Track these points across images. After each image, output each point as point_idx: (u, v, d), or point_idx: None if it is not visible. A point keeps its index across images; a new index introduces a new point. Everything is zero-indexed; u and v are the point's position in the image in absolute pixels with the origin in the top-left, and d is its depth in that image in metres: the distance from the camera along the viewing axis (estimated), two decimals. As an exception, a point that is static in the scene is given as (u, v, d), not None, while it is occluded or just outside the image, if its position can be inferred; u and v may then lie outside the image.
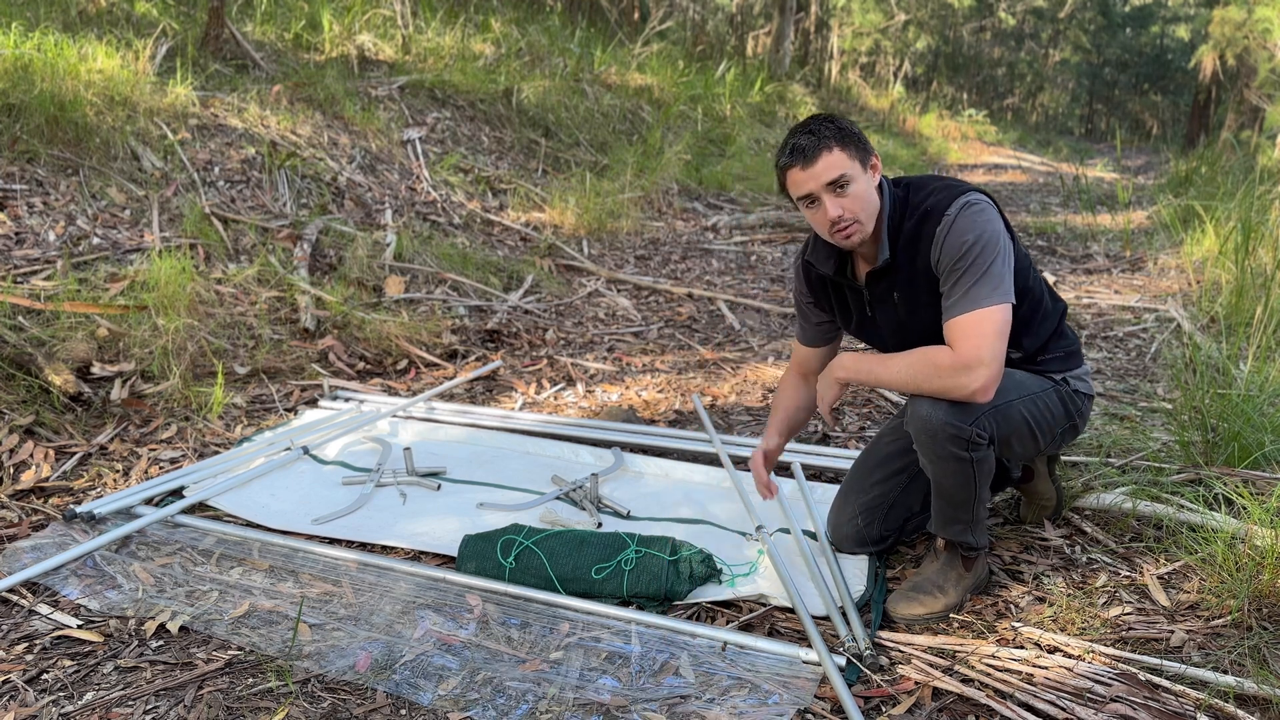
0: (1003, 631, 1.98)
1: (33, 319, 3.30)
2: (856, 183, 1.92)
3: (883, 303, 2.09)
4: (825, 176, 1.91)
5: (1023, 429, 2.00)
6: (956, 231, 1.90)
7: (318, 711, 1.73)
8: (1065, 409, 2.09)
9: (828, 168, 1.90)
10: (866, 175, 1.95)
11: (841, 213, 1.93)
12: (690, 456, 3.01)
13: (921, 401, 1.92)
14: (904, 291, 2.04)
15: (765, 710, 1.70)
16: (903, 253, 1.99)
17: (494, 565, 2.17)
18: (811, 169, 1.91)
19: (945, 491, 2.01)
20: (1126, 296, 5.21)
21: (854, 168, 1.92)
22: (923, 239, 1.95)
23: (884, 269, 2.03)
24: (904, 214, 2.00)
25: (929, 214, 1.95)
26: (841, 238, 1.97)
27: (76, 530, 2.39)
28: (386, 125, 6.38)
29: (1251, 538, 2.07)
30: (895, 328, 2.11)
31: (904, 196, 2.02)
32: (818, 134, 1.91)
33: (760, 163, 9.61)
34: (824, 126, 1.93)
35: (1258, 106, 17.64)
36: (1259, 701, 1.71)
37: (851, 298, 2.17)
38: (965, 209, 1.91)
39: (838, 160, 1.90)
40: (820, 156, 1.90)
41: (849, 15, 20.01)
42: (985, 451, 1.94)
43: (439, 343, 4.13)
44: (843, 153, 1.91)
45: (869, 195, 1.95)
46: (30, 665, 1.86)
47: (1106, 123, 35.52)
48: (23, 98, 4.22)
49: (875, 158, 1.98)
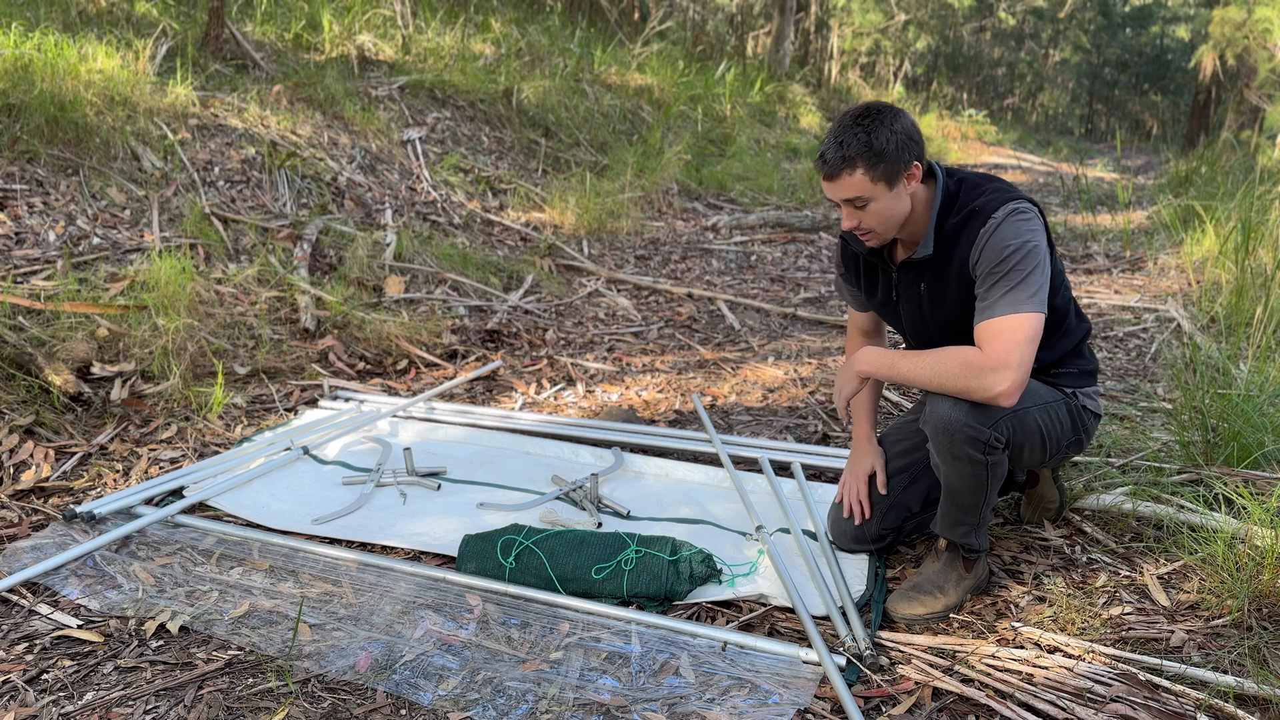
0: (1003, 631, 1.98)
1: (33, 319, 3.30)
2: (877, 202, 1.93)
3: (909, 290, 2.12)
4: (842, 195, 1.94)
5: (1035, 438, 2.01)
6: (1000, 236, 1.89)
7: (318, 711, 1.73)
8: (1072, 423, 2.10)
9: (846, 188, 1.93)
10: (894, 191, 1.93)
11: (857, 224, 1.98)
12: (690, 456, 3.01)
13: (942, 401, 1.92)
14: (931, 285, 2.05)
15: (765, 710, 1.70)
16: (942, 247, 2.01)
17: (494, 565, 2.17)
18: (832, 184, 1.95)
19: (956, 493, 2.00)
20: (1126, 296, 5.21)
21: (875, 189, 1.91)
22: (964, 236, 1.96)
23: (918, 260, 2.05)
24: (950, 210, 2.00)
25: (975, 214, 1.95)
26: (857, 242, 2.05)
27: (76, 530, 2.39)
28: (386, 125, 6.38)
29: (1251, 538, 2.07)
30: (914, 316, 2.14)
31: (955, 192, 2.02)
32: (845, 148, 1.89)
33: (760, 163, 9.61)
34: (855, 140, 1.88)
35: (1258, 106, 17.63)
36: (1259, 701, 1.71)
37: (882, 277, 2.20)
38: (1012, 215, 1.91)
39: (857, 183, 1.91)
40: (840, 176, 1.92)
41: (849, 15, 20.01)
42: (1000, 456, 1.94)
43: (439, 343, 4.13)
44: (865, 175, 1.90)
45: (891, 211, 1.95)
46: (30, 665, 1.86)
47: (1106, 123, 35.51)
48: (23, 98, 4.22)
49: (914, 166, 1.94)
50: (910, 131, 1.92)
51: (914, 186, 1.97)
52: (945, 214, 2.00)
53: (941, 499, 2.06)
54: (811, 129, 13.13)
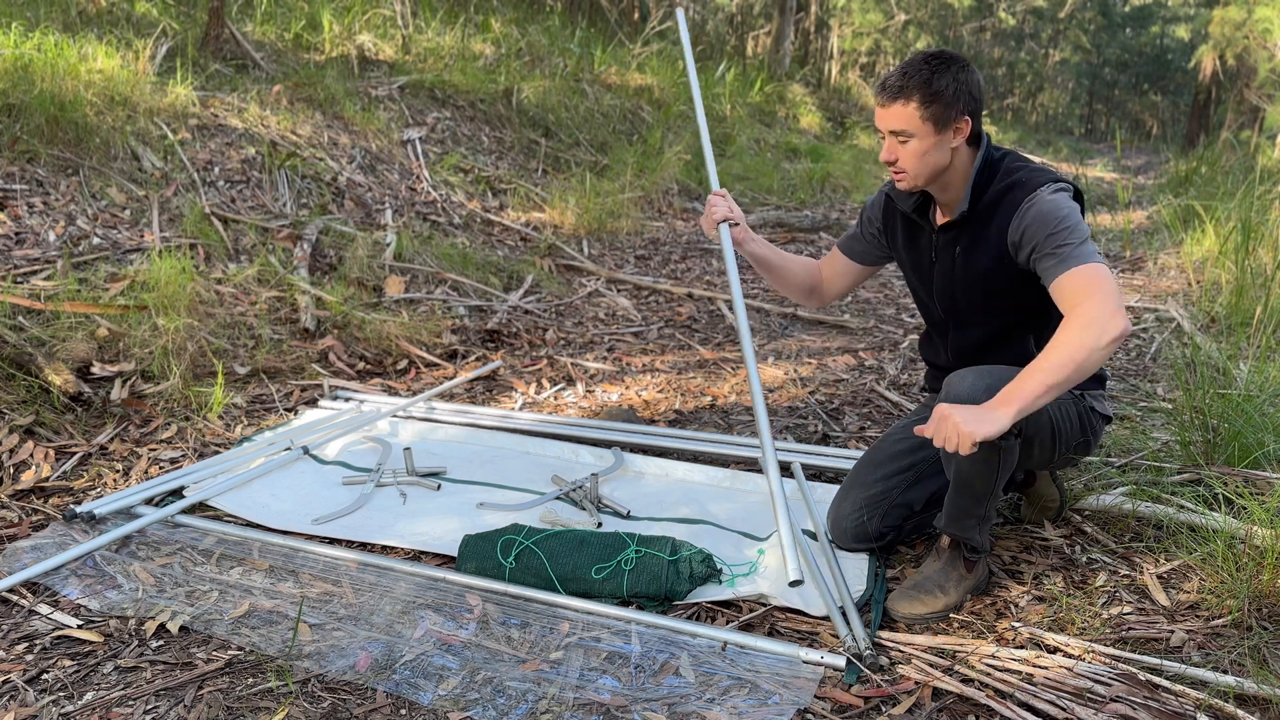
0: (1003, 631, 1.98)
1: (33, 319, 3.30)
2: (919, 140, 1.96)
3: (945, 252, 2.14)
4: (890, 124, 1.96)
5: (1046, 433, 2.02)
6: (1051, 206, 1.91)
7: (318, 711, 1.73)
8: (1080, 423, 2.11)
9: (895, 117, 1.95)
10: (941, 136, 1.96)
11: (893, 158, 2.00)
12: (690, 456, 3.01)
13: (957, 387, 1.93)
14: (966, 248, 2.08)
15: (765, 710, 1.70)
16: (982, 211, 2.02)
17: (494, 565, 2.18)
18: (885, 110, 1.97)
19: (965, 483, 2.00)
20: (1126, 296, 5.22)
21: (923, 128, 1.95)
22: (1004, 205, 1.98)
23: (957, 222, 2.06)
24: (992, 176, 2.02)
25: (1019, 185, 1.98)
26: (892, 174, 2.06)
27: (76, 530, 2.39)
28: (386, 125, 6.38)
29: (1251, 538, 2.07)
30: (946, 279, 2.16)
31: (999, 159, 2.05)
32: (906, 78, 1.94)
33: (760, 163, 9.61)
34: (918, 74, 1.93)
35: (1258, 106, 17.64)
36: (1259, 701, 1.71)
37: (923, 239, 2.21)
38: (1060, 192, 1.95)
39: (908, 115, 1.94)
40: (894, 104, 1.95)
41: (849, 15, 20.00)
42: (1013, 443, 1.95)
43: (439, 343, 4.13)
44: (920, 110, 1.93)
45: (930, 155, 1.98)
46: (30, 665, 1.86)
47: (1106, 123, 35.50)
48: (23, 98, 4.22)
49: (964, 120, 1.97)
50: (972, 87, 1.96)
51: (959, 141, 2.00)
52: (985, 179, 2.02)
53: (949, 492, 2.05)
54: (811, 129, 13.13)
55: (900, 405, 3.51)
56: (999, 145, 2.10)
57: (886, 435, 2.37)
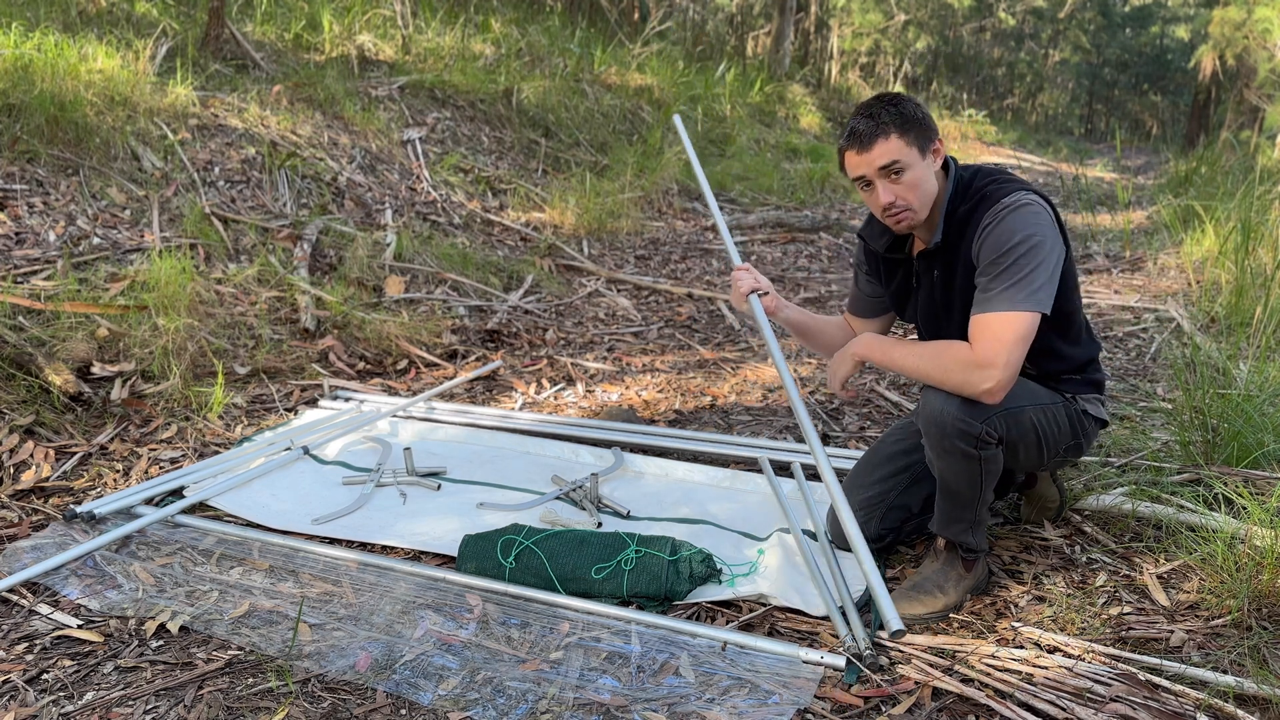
0: (1002, 631, 1.98)
1: (33, 319, 3.30)
2: (912, 170, 1.93)
3: (925, 278, 2.13)
4: (879, 162, 1.93)
5: (1030, 437, 2.00)
6: (1004, 227, 1.87)
7: (318, 711, 1.73)
8: (1071, 426, 2.08)
9: (882, 154, 1.92)
10: (925, 161, 1.95)
11: (894, 199, 1.95)
12: (690, 456, 3.01)
13: (934, 395, 1.93)
14: (943, 273, 2.06)
15: (765, 710, 1.70)
16: (952, 234, 2.00)
17: (494, 565, 2.18)
18: (867, 154, 1.94)
19: (950, 489, 2.01)
20: (1126, 296, 5.21)
21: (910, 155, 1.92)
22: (970, 225, 1.96)
23: (932, 250, 2.05)
24: (962, 198, 2.00)
25: (984, 199, 1.95)
26: (893, 222, 2.00)
27: (76, 530, 2.39)
28: (386, 125, 6.38)
29: (1251, 538, 2.07)
30: (927, 305, 2.15)
31: (968, 180, 2.02)
32: (876, 119, 1.92)
33: (760, 163, 9.61)
34: (885, 111, 1.92)
35: (1257, 106, 17.64)
36: (1259, 701, 1.71)
37: (902, 269, 2.20)
38: (1019, 208, 1.88)
39: (893, 148, 1.91)
40: (875, 143, 1.92)
41: (849, 15, 20.00)
42: (994, 451, 1.94)
43: (439, 343, 4.13)
44: (900, 140, 1.91)
45: (925, 182, 1.96)
46: (30, 665, 1.86)
47: (1106, 123, 35.50)
48: (23, 98, 4.22)
49: (938, 143, 1.97)
50: (928, 114, 1.98)
51: (938, 165, 1.99)
52: (957, 201, 2.00)
53: (937, 496, 2.06)
54: (811, 129, 13.13)
55: (900, 405, 3.51)
56: (965, 165, 2.07)
57: (884, 436, 2.37)
